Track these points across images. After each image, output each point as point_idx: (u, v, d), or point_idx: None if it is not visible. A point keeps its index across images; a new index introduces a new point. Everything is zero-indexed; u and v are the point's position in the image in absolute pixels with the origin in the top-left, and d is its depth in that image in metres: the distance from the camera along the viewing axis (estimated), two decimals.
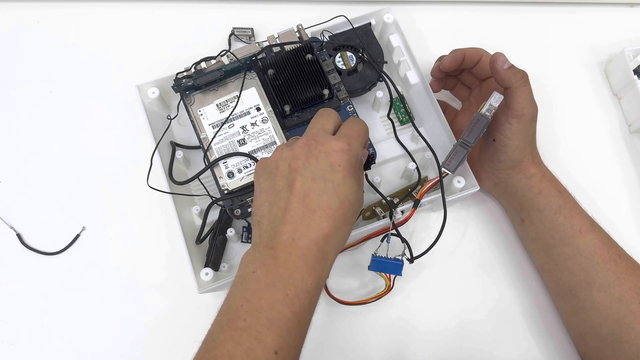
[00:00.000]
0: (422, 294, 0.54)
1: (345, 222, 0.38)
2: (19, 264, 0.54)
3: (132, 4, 0.65)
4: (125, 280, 0.54)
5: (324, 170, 0.38)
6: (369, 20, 0.57)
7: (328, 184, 0.38)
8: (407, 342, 0.52)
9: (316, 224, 0.37)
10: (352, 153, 0.39)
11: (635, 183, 0.59)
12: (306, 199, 0.37)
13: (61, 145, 0.59)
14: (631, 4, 0.67)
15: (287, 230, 0.37)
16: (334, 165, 0.38)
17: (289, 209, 0.37)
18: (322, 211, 0.37)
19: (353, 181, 0.38)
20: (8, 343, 0.52)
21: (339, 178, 0.38)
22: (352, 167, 0.39)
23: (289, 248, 0.36)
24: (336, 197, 0.37)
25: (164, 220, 0.54)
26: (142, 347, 0.52)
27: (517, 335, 0.52)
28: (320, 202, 0.37)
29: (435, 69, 0.54)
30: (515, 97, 0.47)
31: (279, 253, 0.36)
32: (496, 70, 0.47)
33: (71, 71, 0.62)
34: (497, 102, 0.47)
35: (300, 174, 0.38)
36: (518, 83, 0.47)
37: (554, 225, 0.49)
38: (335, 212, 0.37)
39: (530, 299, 0.53)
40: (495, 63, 0.47)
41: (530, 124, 0.48)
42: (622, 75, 0.60)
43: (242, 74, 0.51)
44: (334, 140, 0.39)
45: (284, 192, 0.38)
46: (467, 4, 0.66)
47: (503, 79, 0.47)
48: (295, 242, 0.36)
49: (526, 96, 0.47)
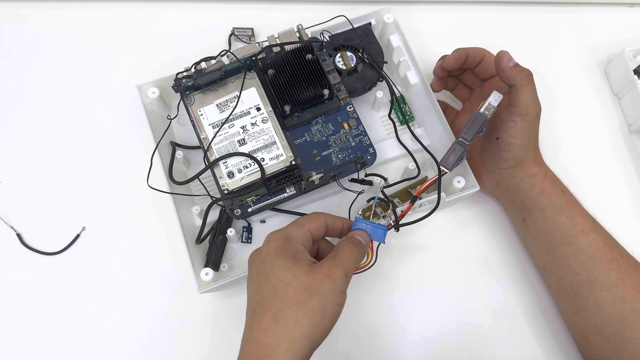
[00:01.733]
0: (422, 294, 0.54)
1: (289, 302, 0.37)
2: (19, 264, 0.54)
3: (132, 4, 0.65)
4: (125, 280, 0.54)
5: (258, 266, 0.39)
6: (369, 20, 0.57)
7: (261, 277, 0.38)
8: (408, 342, 0.52)
9: (256, 324, 0.37)
10: (278, 236, 0.40)
11: (635, 183, 0.59)
12: (251, 303, 0.39)
13: (61, 145, 0.59)
14: (631, 4, 0.67)
15: (242, 339, 0.38)
16: (264, 258, 0.39)
17: (246, 319, 0.39)
18: (259, 307, 0.38)
19: (282, 260, 0.38)
20: (8, 343, 0.52)
21: (268, 265, 0.38)
22: (278, 248, 0.39)
23: (239, 359, 0.38)
24: (268, 284, 0.38)
25: (164, 220, 0.54)
26: (142, 347, 0.52)
27: (518, 335, 0.52)
28: (257, 298, 0.38)
29: (438, 67, 0.54)
30: (520, 95, 0.47)
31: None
32: (501, 68, 0.47)
33: (71, 71, 0.62)
34: (496, 102, 0.47)
35: (249, 278, 0.40)
36: (523, 81, 0.47)
37: (555, 224, 0.48)
38: (270, 300, 0.37)
39: (532, 298, 0.53)
40: (500, 61, 0.47)
41: (533, 122, 0.48)
42: (622, 75, 0.60)
43: (242, 74, 0.51)
44: (270, 235, 0.41)
45: (247, 304, 0.40)
46: (467, 4, 0.66)
47: (508, 77, 0.47)
48: (241, 350, 0.38)
49: (531, 94, 0.47)
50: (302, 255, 0.40)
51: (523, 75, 0.47)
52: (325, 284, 0.37)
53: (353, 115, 0.52)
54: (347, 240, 0.42)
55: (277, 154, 0.48)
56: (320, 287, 0.37)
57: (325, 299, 0.37)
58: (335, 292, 0.38)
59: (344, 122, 0.51)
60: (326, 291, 0.37)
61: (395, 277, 0.54)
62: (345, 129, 0.51)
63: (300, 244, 0.41)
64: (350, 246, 0.41)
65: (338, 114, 0.52)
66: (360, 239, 0.42)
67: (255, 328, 0.37)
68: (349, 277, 0.39)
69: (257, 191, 0.49)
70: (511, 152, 0.49)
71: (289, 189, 0.49)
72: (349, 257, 0.40)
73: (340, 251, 0.40)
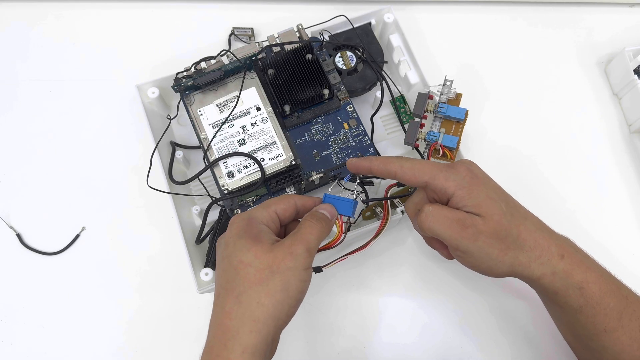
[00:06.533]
0: (422, 295, 0.53)
1: (250, 283, 0.36)
2: (19, 264, 0.54)
3: (132, 4, 0.65)
4: (125, 280, 0.54)
5: (222, 250, 0.39)
6: (369, 20, 0.57)
7: (225, 260, 0.38)
8: (408, 342, 0.52)
9: (219, 308, 0.37)
10: (240, 218, 0.39)
11: (635, 183, 0.59)
12: (216, 287, 0.38)
13: (61, 145, 0.59)
14: (631, 4, 0.67)
15: (209, 326, 0.38)
16: (227, 241, 0.38)
17: (213, 305, 0.38)
18: (224, 290, 0.37)
19: (243, 240, 0.37)
20: (8, 343, 0.52)
21: (230, 248, 0.38)
22: (240, 229, 0.38)
23: (205, 347, 0.38)
24: (230, 267, 0.37)
25: (164, 220, 0.54)
26: (142, 347, 0.52)
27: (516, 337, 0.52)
28: (221, 282, 0.38)
29: None
30: (438, 237, 0.40)
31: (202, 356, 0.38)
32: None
33: (71, 71, 0.62)
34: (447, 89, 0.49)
35: (217, 262, 0.40)
36: (426, 227, 0.39)
37: (576, 321, 0.42)
38: (233, 282, 0.37)
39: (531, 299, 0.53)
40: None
41: (477, 243, 0.38)
42: (622, 75, 0.60)
43: (242, 74, 0.51)
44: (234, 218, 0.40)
45: None
46: (467, 4, 0.66)
47: (426, 234, 0.41)
48: (207, 338, 0.38)
49: (443, 229, 0.39)
50: (264, 236, 0.38)
51: (422, 222, 0.39)
52: (286, 261, 0.37)
53: (353, 115, 0.52)
54: (310, 216, 0.40)
55: (277, 154, 0.48)
56: (282, 264, 0.36)
57: (287, 276, 0.36)
58: (298, 269, 0.37)
59: (344, 122, 0.51)
60: (288, 268, 0.36)
61: (395, 277, 0.54)
62: (345, 129, 0.51)
63: (263, 225, 0.39)
64: (312, 221, 0.40)
65: (338, 113, 0.52)
66: (324, 212, 0.41)
67: (219, 312, 0.37)
68: (311, 252, 0.38)
69: (257, 191, 0.49)
70: (489, 274, 0.41)
71: (289, 189, 0.49)
72: (311, 231, 0.39)
73: (302, 227, 0.39)
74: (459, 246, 0.39)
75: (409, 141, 0.50)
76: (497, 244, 0.39)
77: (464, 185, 0.39)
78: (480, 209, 0.38)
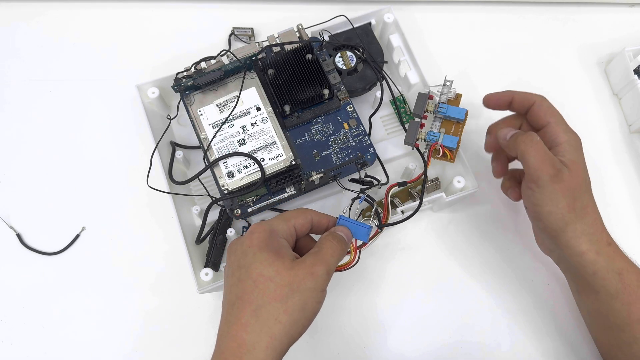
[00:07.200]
0: (421, 295, 0.53)
1: (270, 298, 0.36)
2: (19, 264, 0.54)
3: (132, 4, 0.65)
4: (125, 280, 0.54)
5: (239, 259, 0.38)
6: (369, 20, 0.57)
7: (242, 269, 0.38)
8: (407, 343, 0.52)
9: (234, 318, 0.37)
10: (262, 229, 0.39)
11: (635, 183, 0.59)
12: (229, 295, 0.38)
13: (61, 145, 0.59)
14: (631, 4, 0.67)
15: (217, 336, 0.38)
16: (244, 249, 0.38)
17: (222, 313, 0.38)
18: (239, 300, 0.37)
19: (264, 254, 0.37)
20: (8, 343, 0.52)
21: (249, 258, 0.38)
22: (261, 241, 0.38)
23: (214, 357, 0.37)
24: (249, 278, 0.37)
25: (164, 220, 0.54)
26: (142, 347, 0.52)
27: (516, 337, 0.52)
28: (237, 292, 0.37)
29: (490, 143, 0.50)
30: (524, 162, 0.43)
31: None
32: (500, 143, 0.46)
33: (71, 71, 0.62)
34: (447, 89, 0.48)
35: (228, 274, 0.39)
36: (523, 147, 0.43)
37: (610, 309, 0.43)
38: (251, 295, 0.37)
39: (532, 300, 0.53)
40: (498, 137, 0.46)
41: (554, 185, 0.42)
42: (622, 75, 0.60)
43: (242, 74, 0.51)
44: (254, 226, 0.40)
45: (223, 296, 0.39)
46: (467, 4, 0.66)
47: (510, 150, 0.45)
48: (217, 345, 0.37)
49: (536, 158, 0.42)
50: (285, 251, 0.39)
51: (521, 141, 0.43)
52: (307, 281, 0.37)
53: (353, 115, 0.52)
54: (331, 236, 0.41)
55: (277, 154, 0.48)
56: (302, 284, 0.37)
57: (306, 296, 0.37)
58: (317, 290, 0.38)
59: (344, 122, 0.51)
60: (307, 289, 0.37)
61: (395, 278, 0.54)
62: (345, 129, 0.51)
63: (283, 239, 0.40)
64: (333, 242, 0.40)
65: (338, 113, 0.52)
66: (342, 234, 0.42)
67: (234, 322, 0.37)
68: (330, 274, 0.39)
69: (257, 191, 0.49)
70: (543, 221, 0.43)
71: (289, 189, 0.49)
72: (332, 253, 0.39)
73: (323, 247, 0.40)
74: (540, 178, 0.42)
75: (409, 141, 0.50)
76: (569, 198, 0.42)
77: (572, 143, 0.44)
78: (572, 166, 0.43)
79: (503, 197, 0.54)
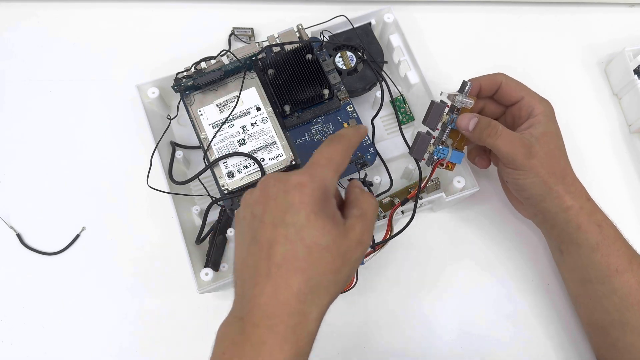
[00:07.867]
0: (422, 295, 0.53)
1: (325, 270, 0.32)
2: (19, 264, 0.54)
3: (132, 4, 0.65)
4: (125, 280, 0.54)
5: (284, 212, 0.33)
6: (369, 20, 0.57)
7: (290, 228, 0.32)
8: (408, 343, 0.52)
9: (284, 282, 0.32)
10: (315, 185, 0.33)
11: (635, 183, 0.59)
12: (270, 251, 0.32)
13: (61, 145, 0.59)
14: (631, 4, 0.67)
15: (255, 293, 0.32)
16: (294, 205, 0.33)
17: (257, 267, 0.32)
18: (289, 264, 0.32)
19: (320, 220, 0.33)
20: (8, 343, 0.52)
21: (302, 219, 0.32)
22: (316, 202, 0.33)
23: (255, 318, 0.32)
24: (301, 243, 0.32)
25: (164, 220, 0.54)
26: (142, 347, 0.52)
27: (517, 337, 0.52)
28: (285, 253, 0.32)
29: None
30: (496, 151, 0.45)
31: (246, 326, 0.32)
32: (465, 135, 0.47)
33: (71, 71, 0.62)
34: (463, 98, 0.46)
35: (262, 221, 0.33)
36: (488, 138, 0.44)
37: (590, 262, 0.46)
38: (304, 263, 0.32)
39: (533, 299, 0.53)
40: (460, 130, 0.46)
41: (530, 161, 0.44)
42: (622, 75, 0.60)
43: (242, 74, 0.51)
44: (293, 175, 0.34)
45: (251, 245, 0.33)
46: (467, 4, 0.66)
47: (475, 140, 0.46)
48: (263, 308, 0.31)
49: (506, 145, 0.44)
50: (339, 217, 0.34)
51: (487, 135, 0.44)
52: (357, 251, 0.34)
53: (353, 115, 0.52)
54: (369, 195, 0.37)
55: (277, 154, 0.48)
56: (353, 255, 0.34)
57: (352, 268, 0.34)
58: (360, 260, 0.35)
59: (344, 122, 0.51)
60: (356, 259, 0.34)
61: (395, 277, 0.54)
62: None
63: (334, 198, 0.35)
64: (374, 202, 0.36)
65: (338, 114, 0.52)
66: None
67: (283, 287, 0.32)
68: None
69: None
70: (527, 191, 0.46)
71: None
72: (374, 217, 0.36)
73: (367, 211, 0.35)
74: (515, 160, 0.44)
75: (416, 156, 0.48)
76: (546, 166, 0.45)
77: (547, 113, 0.47)
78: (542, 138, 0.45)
79: (503, 197, 0.54)
